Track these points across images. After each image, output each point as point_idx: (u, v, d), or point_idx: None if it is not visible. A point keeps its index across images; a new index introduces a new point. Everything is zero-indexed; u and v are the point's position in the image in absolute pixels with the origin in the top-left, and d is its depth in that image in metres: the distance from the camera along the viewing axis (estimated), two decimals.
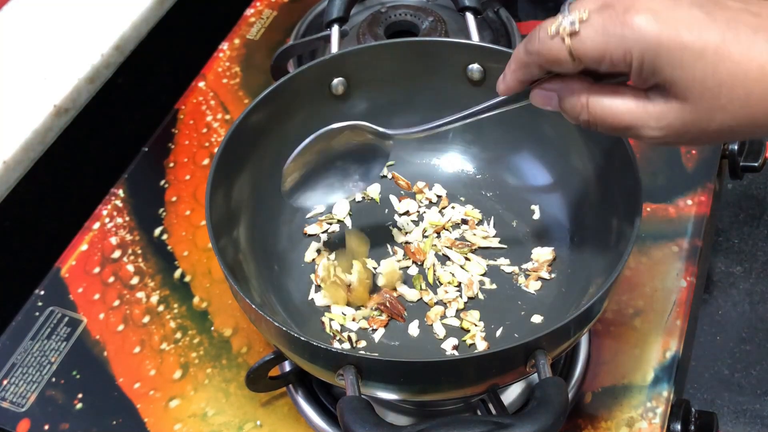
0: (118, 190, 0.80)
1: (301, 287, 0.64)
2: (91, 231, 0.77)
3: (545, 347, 0.49)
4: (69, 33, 0.85)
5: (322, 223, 0.68)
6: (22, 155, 0.76)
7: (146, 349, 0.69)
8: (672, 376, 0.64)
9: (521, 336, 0.60)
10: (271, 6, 0.96)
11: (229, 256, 0.59)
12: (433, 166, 0.71)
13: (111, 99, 0.85)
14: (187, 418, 0.65)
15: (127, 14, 0.86)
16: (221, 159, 0.59)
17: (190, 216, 0.77)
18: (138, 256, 0.75)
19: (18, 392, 0.67)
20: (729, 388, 1.31)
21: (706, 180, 0.76)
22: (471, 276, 0.64)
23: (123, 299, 0.72)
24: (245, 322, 0.69)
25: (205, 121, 0.85)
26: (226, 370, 0.67)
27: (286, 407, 0.65)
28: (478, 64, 0.65)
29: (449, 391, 0.53)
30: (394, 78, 0.67)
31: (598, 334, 0.67)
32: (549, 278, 0.64)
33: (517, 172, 0.69)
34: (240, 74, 0.89)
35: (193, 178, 0.80)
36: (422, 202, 0.69)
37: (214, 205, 0.58)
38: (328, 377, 0.52)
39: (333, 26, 0.71)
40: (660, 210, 0.74)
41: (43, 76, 0.81)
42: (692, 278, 0.70)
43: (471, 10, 0.72)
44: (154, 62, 0.91)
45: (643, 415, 0.62)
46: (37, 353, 0.69)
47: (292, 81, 0.64)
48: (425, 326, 0.62)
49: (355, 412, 0.46)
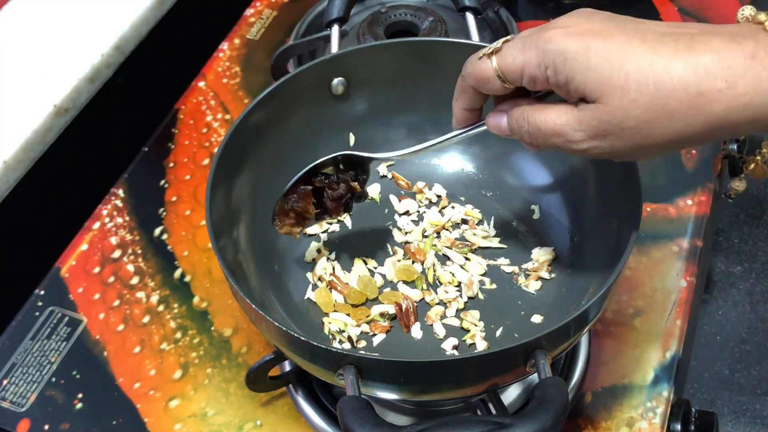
0: (118, 190, 0.80)
1: (300, 287, 0.64)
2: (91, 231, 0.77)
3: (545, 347, 0.49)
4: (69, 33, 0.85)
5: (322, 223, 0.68)
6: (22, 155, 0.76)
7: (146, 349, 0.69)
8: (672, 376, 0.64)
9: (521, 336, 0.60)
10: (271, 6, 0.96)
11: (229, 256, 0.59)
12: (433, 166, 0.71)
13: (111, 99, 0.85)
14: (187, 418, 0.65)
15: (127, 14, 0.86)
16: (221, 159, 0.59)
17: (190, 216, 0.77)
18: (138, 256, 0.75)
19: (18, 392, 0.67)
20: (729, 388, 1.31)
21: (706, 180, 0.76)
22: (471, 276, 0.64)
23: (123, 299, 0.72)
24: (245, 322, 0.69)
25: (205, 121, 0.85)
26: (226, 370, 0.67)
27: (286, 407, 0.65)
28: None
29: (449, 391, 0.53)
30: (394, 78, 0.67)
31: (598, 334, 0.67)
32: (549, 278, 0.64)
33: (517, 172, 0.69)
34: (240, 74, 0.89)
35: (193, 178, 0.80)
36: (422, 202, 0.69)
37: (214, 205, 0.58)
38: (328, 377, 0.52)
39: (333, 26, 0.71)
40: (660, 210, 0.74)
41: (43, 75, 0.81)
42: (692, 278, 0.70)
43: (471, 10, 0.72)
44: (154, 62, 0.91)
45: (643, 415, 0.62)
46: (37, 353, 0.69)
47: (292, 81, 0.64)
48: (425, 326, 0.62)
49: (355, 412, 0.46)
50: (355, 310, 0.62)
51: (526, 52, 0.47)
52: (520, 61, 0.47)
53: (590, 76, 0.44)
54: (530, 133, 0.49)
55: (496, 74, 0.49)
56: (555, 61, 0.45)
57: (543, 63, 0.46)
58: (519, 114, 0.50)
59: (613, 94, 0.44)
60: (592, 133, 0.46)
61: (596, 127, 0.45)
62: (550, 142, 0.48)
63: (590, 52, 0.44)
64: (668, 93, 0.43)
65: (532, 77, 0.47)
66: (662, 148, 0.45)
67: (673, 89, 0.43)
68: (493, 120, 0.52)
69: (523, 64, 0.47)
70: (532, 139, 0.49)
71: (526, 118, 0.49)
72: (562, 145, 0.48)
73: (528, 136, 0.49)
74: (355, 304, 0.63)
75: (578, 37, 0.45)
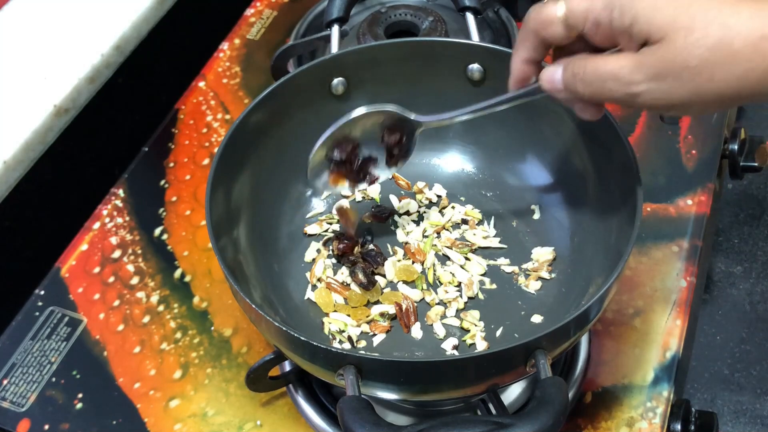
0: (118, 190, 0.80)
1: (301, 287, 0.64)
2: (91, 231, 0.77)
3: (545, 347, 0.49)
4: (69, 33, 0.85)
5: (322, 223, 0.68)
6: (22, 155, 0.76)
7: (146, 349, 0.69)
8: (672, 376, 0.64)
9: (521, 336, 0.60)
10: (271, 6, 0.96)
11: (229, 256, 0.59)
12: (433, 166, 0.71)
13: (111, 99, 0.85)
14: (187, 418, 0.65)
15: (127, 14, 0.86)
16: (221, 159, 0.59)
17: (190, 216, 0.77)
18: (138, 256, 0.75)
19: (18, 392, 0.67)
20: (729, 388, 1.31)
21: (706, 180, 0.76)
22: (471, 276, 0.64)
23: (123, 299, 0.72)
24: (245, 322, 0.69)
25: (205, 121, 0.85)
26: (226, 370, 0.67)
27: (286, 407, 0.65)
28: (478, 64, 0.65)
29: (449, 391, 0.53)
30: (394, 78, 0.67)
31: (598, 334, 0.67)
32: (549, 278, 0.64)
33: (517, 172, 0.69)
34: (240, 74, 0.89)
35: (193, 178, 0.80)
36: (422, 202, 0.69)
37: (214, 205, 0.58)
38: (328, 377, 0.52)
39: (333, 26, 0.71)
40: (660, 210, 0.74)
41: (43, 76, 0.81)
42: (692, 278, 0.70)
43: (471, 10, 0.72)
44: (154, 62, 0.91)
45: (643, 415, 0.62)
46: (37, 353, 0.69)
47: (292, 81, 0.64)
48: (425, 326, 0.62)
49: (355, 412, 0.46)
50: (355, 310, 0.62)
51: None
52: (585, 2, 0.47)
53: (656, 16, 0.44)
54: (585, 81, 0.48)
55: (559, 18, 0.48)
56: (622, 2, 0.45)
57: (610, 4, 0.46)
58: (576, 62, 0.49)
59: (678, 33, 0.44)
60: (651, 74, 0.45)
61: (657, 66, 0.45)
62: (606, 87, 0.47)
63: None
64: (734, 34, 0.43)
65: (596, 20, 0.47)
66: (720, 97, 0.45)
67: (738, 31, 0.43)
68: (548, 74, 0.51)
69: (589, 6, 0.47)
70: (586, 87, 0.48)
71: (584, 65, 0.48)
72: (617, 91, 0.47)
73: (582, 85, 0.48)
74: (356, 306, 0.63)
75: None
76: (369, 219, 0.68)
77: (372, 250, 0.65)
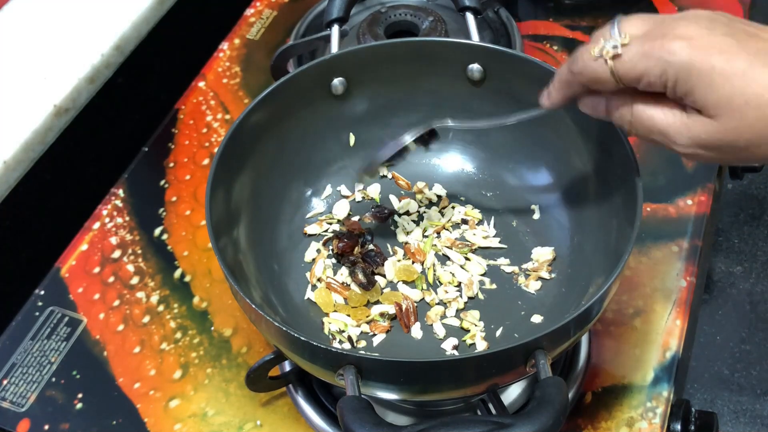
0: (118, 190, 0.80)
1: (300, 287, 0.64)
2: (91, 231, 0.77)
3: (545, 347, 0.49)
4: (69, 33, 0.85)
5: (322, 223, 0.68)
6: (22, 155, 0.76)
7: (146, 349, 0.69)
8: (672, 376, 0.64)
9: (521, 336, 0.60)
10: (271, 6, 0.96)
11: (229, 256, 0.59)
12: (433, 166, 0.71)
13: (111, 99, 0.85)
14: (187, 418, 0.65)
15: (127, 14, 0.86)
16: (221, 159, 0.59)
17: (190, 216, 0.77)
18: (138, 256, 0.75)
19: (18, 392, 0.67)
20: (729, 388, 1.31)
21: (706, 180, 0.76)
22: (471, 276, 0.64)
23: (123, 299, 0.72)
24: (245, 322, 0.69)
25: (205, 121, 0.85)
26: (226, 370, 0.67)
27: (286, 407, 0.65)
28: (478, 64, 0.65)
29: (449, 391, 0.53)
30: (394, 78, 0.67)
31: (598, 334, 0.67)
32: (549, 278, 0.64)
33: (517, 172, 0.69)
34: (240, 74, 0.89)
35: (193, 178, 0.80)
36: (422, 202, 0.69)
37: (214, 205, 0.58)
38: (328, 377, 0.52)
39: (333, 26, 0.71)
40: (660, 210, 0.74)
41: (43, 76, 0.81)
42: (692, 278, 0.70)
43: (471, 10, 0.72)
44: (154, 62, 0.91)
45: (643, 415, 0.62)
46: (37, 353, 0.69)
47: (292, 81, 0.64)
48: (425, 326, 0.62)
49: (355, 412, 0.46)
50: (355, 311, 0.62)
51: (647, 60, 0.46)
52: (640, 68, 0.46)
53: (711, 94, 0.44)
54: (632, 124, 0.49)
55: (612, 78, 0.48)
56: (678, 76, 0.45)
57: (665, 75, 0.46)
58: (622, 104, 0.49)
59: (731, 116, 0.44)
60: (699, 144, 0.46)
61: (705, 140, 0.46)
62: (651, 137, 0.48)
63: (714, 72, 0.44)
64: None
65: (650, 84, 0.47)
66: (761, 161, 0.47)
67: None
68: (591, 102, 0.52)
69: (643, 73, 0.46)
70: (632, 128, 0.49)
71: (631, 110, 0.49)
72: (662, 143, 0.48)
73: (629, 126, 0.50)
74: (356, 306, 0.63)
75: (702, 53, 0.44)
76: (369, 219, 0.68)
77: (372, 250, 0.65)
